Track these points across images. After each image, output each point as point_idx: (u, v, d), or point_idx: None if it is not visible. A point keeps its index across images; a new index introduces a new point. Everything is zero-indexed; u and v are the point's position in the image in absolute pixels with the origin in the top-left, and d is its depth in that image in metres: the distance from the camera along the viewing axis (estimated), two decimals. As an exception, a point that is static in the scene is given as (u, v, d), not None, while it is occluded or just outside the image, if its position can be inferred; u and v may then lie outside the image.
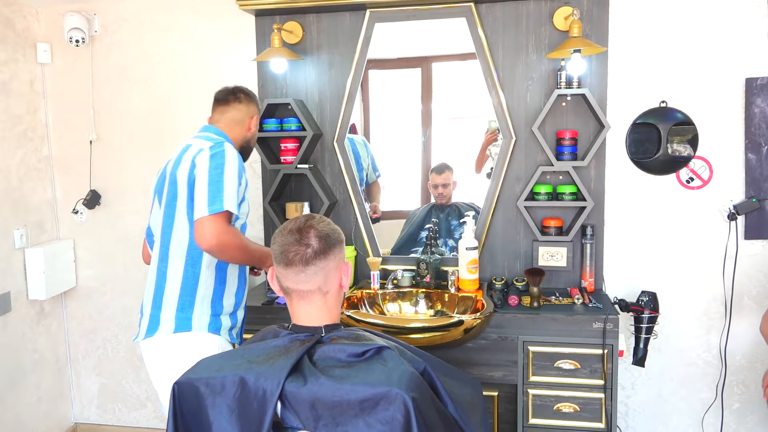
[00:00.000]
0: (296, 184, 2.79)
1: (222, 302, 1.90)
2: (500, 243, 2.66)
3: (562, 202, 2.50)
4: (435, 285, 2.55)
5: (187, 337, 1.84)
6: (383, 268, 2.72)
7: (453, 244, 2.71)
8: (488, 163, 2.61)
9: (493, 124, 2.58)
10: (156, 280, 1.88)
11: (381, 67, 2.62)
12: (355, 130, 2.69)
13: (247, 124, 2.04)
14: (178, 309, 1.84)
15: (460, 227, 2.61)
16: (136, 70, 2.97)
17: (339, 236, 1.42)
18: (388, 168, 2.73)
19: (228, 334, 1.94)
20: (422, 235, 2.69)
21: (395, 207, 2.76)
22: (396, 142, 2.69)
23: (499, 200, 2.64)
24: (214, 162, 1.76)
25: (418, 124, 2.62)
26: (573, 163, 2.47)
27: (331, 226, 1.41)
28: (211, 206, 1.72)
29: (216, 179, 1.74)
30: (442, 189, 2.67)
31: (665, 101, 2.49)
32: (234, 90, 2.02)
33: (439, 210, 2.72)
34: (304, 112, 2.68)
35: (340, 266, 1.41)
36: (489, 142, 2.56)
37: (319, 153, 2.77)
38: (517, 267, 2.67)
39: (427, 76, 2.57)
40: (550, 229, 2.57)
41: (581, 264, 2.58)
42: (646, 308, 2.35)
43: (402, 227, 2.78)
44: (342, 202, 2.79)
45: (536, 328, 2.28)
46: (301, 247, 1.34)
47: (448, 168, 2.68)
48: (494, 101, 2.58)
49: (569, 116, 2.55)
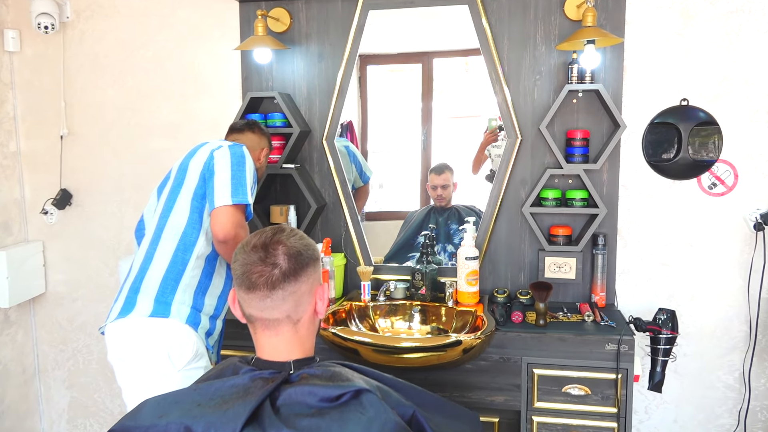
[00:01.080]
0: (282, 185, 2.62)
1: (204, 299, 1.82)
2: (503, 252, 2.48)
3: (572, 208, 2.32)
4: (431, 297, 2.39)
5: (163, 324, 1.73)
6: (375, 278, 2.54)
7: (452, 249, 2.56)
8: (486, 164, 2.50)
9: (494, 123, 2.45)
10: (141, 263, 1.83)
11: (379, 63, 2.53)
12: (352, 128, 2.58)
13: (257, 154, 2.13)
14: (159, 292, 1.75)
15: (460, 232, 2.44)
16: (110, 60, 2.78)
17: (313, 253, 1.20)
18: (387, 168, 2.63)
19: (205, 337, 1.83)
20: (419, 240, 2.55)
21: (393, 207, 2.66)
22: (395, 141, 2.59)
23: (503, 205, 2.45)
24: (235, 158, 1.83)
25: (418, 123, 2.51)
26: (584, 166, 2.28)
27: (303, 241, 1.20)
28: (236, 197, 1.77)
29: (239, 173, 1.80)
30: (442, 191, 2.54)
31: (686, 99, 2.31)
32: (250, 122, 2.16)
33: (438, 213, 2.58)
34: (291, 107, 2.50)
35: (314, 289, 1.20)
36: (488, 141, 2.45)
37: (307, 152, 2.59)
38: (521, 278, 2.48)
39: (428, 73, 2.47)
40: (558, 237, 2.38)
41: (591, 277, 2.39)
42: (664, 328, 2.14)
43: (399, 230, 2.65)
44: (331, 206, 2.61)
45: (542, 349, 2.09)
46: (267, 267, 1.14)
47: (448, 168, 2.55)
48: (498, 97, 2.38)
49: (580, 114, 2.36)
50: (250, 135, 2.12)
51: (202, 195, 1.85)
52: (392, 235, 2.63)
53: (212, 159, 1.84)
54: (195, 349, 1.76)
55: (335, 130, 2.53)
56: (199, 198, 1.84)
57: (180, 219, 1.85)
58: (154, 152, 2.76)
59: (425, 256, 2.43)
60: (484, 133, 2.45)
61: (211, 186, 1.81)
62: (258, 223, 2.52)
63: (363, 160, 2.63)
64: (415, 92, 2.49)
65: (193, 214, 1.84)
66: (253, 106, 2.54)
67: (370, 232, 2.58)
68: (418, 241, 2.57)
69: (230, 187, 1.78)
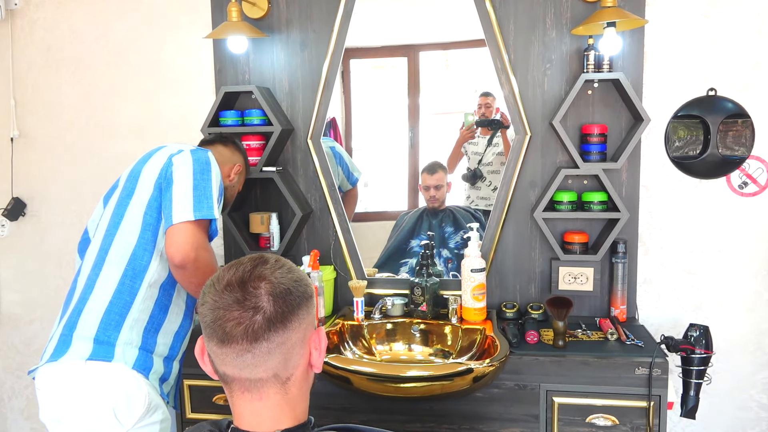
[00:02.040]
0: (262, 190, 2.39)
1: (156, 337, 1.56)
2: (511, 262, 2.27)
3: (589, 212, 2.11)
4: (433, 314, 2.17)
5: (105, 370, 1.46)
6: (369, 293, 2.31)
7: (448, 254, 2.39)
8: (463, 162, 2.36)
9: (470, 118, 2.31)
10: (81, 292, 1.53)
11: (363, 57, 2.40)
12: (335, 125, 2.41)
13: (227, 169, 1.87)
14: (99, 329, 1.48)
15: (456, 234, 2.36)
16: (65, 53, 2.51)
17: (305, 290, 0.95)
18: (372, 166, 2.48)
19: (159, 385, 1.54)
20: (413, 245, 2.41)
21: (380, 208, 2.53)
22: (380, 139, 2.46)
23: (511, 210, 2.24)
24: (199, 165, 1.59)
25: (404, 119, 2.38)
26: (603, 165, 2.08)
27: (293, 275, 0.95)
28: (198, 211, 1.52)
29: (203, 183, 1.56)
30: (435, 191, 2.38)
31: (714, 89, 2.12)
32: (223, 134, 1.95)
33: (431, 215, 2.42)
34: (271, 103, 2.27)
35: (308, 337, 0.95)
36: (465, 139, 2.32)
37: (290, 153, 2.36)
38: (532, 291, 2.27)
39: (414, 67, 2.35)
40: (574, 245, 2.17)
41: (610, 288, 2.19)
42: (697, 346, 1.92)
43: (389, 234, 2.48)
44: (318, 213, 2.38)
45: (562, 374, 1.86)
46: (246, 311, 0.89)
47: (442, 167, 2.38)
48: (504, 89, 2.16)
49: (596, 107, 2.15)
50: (220, 148, 1.88)
51: (157, 208, 1.58)
52: (380, 238, 2.49)
53: (170, 165, 1.58)
54: (147, 401, 1.48)
55: (321, 127, 2.30)
56: (153, 212, 1.57)
57: (129, 238, 1.57)
58: (117, 155, 2.49)
59: (424, 268, 2.21)
60: (460, 129, 2.33)
61: (168, 198, 1.54)
62: (235, 233, 2.28)
63: (350, 161, 2.45)
64: (401, 87, 2.37)
65: (145, 232, 1.56)
66: (228, 103, 2.30)
67: (357, 235, 2.41)
68: (412, 246, 2.42)
69: (192, 199, 1.53)
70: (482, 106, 2.31)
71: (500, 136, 2.29)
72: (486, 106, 2.29)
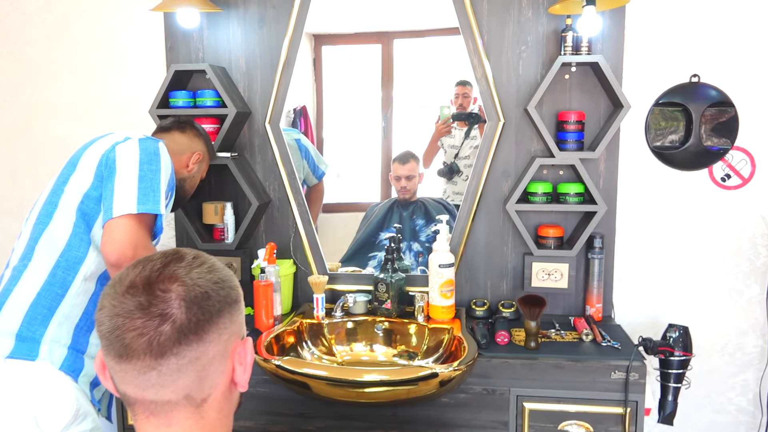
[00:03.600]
0: (217, 178, 2.24)
1: (89, 336, 1.43)
2: (482, 257, 2.16)
3: (565, 205, 2.01)
4: (398, 312, 2.07)
5: (28, 370, 1.32)
6: (331, 289, 2.19)
7: (418, 248, 2.32)
8: (439, 155, 2.30)
9: (446, 111, 2.24)
10: (5, 284, 1.42)
11: (336, 43, 2.35)
12: (306, 113, 2.33)
13: (185, 159, 1.74)
14: (23, 324, 1.35)
15: (427, 227, 2.29)
16: (2, 26, 2.32)
17: (229, 293, 0.80)
18: (345, 156, 2.43)
19: (89, 390, 1.40)
20: (381, 237, 2.35)
21: (352, 199, 2.47)
22: (353, 128, 2.39)
23: (482, 201, 2.13)
24: (146, 155, 1.46)
25: (378, 109, 2.32)
26: (580, 154, 1.97)
27: (214, 275, 0.79)
28: (143, 203, 1.39)
29: (150, 175, 1.44)
30: (406, 182, 2.31)
31: (697, 75, 2.01)
32: (181, 119, 1.78)
33: (402, 207, 2.35)
34: (226, 83, 2.12)
35: (231, 348, 0.80)
36: (441, 133, 2.26)
37: (247, 138, 2.22)
38: (504, 287, 2.16)
39: (388, 55, 2.29)
40: (548, 240, 2.06)
41: (586, 285, 2.09)
42: (676, 348, 1.81)
43: (358, 226, 2.42)
44: (277, 202, 2.24)
45: (534, 378, 1.75)
46: (152, 320, 0.73)
47: (414, 157, 2.31)
48: (477, 73, 2.04)
49: (573, 93, 2.04)
50: (176, 136, 1.74)
51: (96, 198, 1.43)
52: (351, 230, 2.43)
53: (113, 153, 1.45)
54: (75, 407, 1.33)
55: (280, 111, 2.15)
56: (90, 202, 1.44)
57: (63, 227, 1.42)
58: (59, 138, 2.31)
59: (390, 263, 2.09)
60: (435, 123, 2.26)
61: (109, 188, 1.41)
62: (187, 224, 2.14)
63: (317, 154, 2.37)
64: (374, 76, 2.31)
65: (79, 222, 1.42)
66: (180, 82, 2.15)
67: (328, 226, 2.36)
68: (381, 239, 2.36)
69: (136, 190, 1.40)
70: (459, 96, 2.23)
71: (478, 128, 2.22)
72: (464, 96, 2.22)
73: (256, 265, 2.05)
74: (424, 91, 2.34)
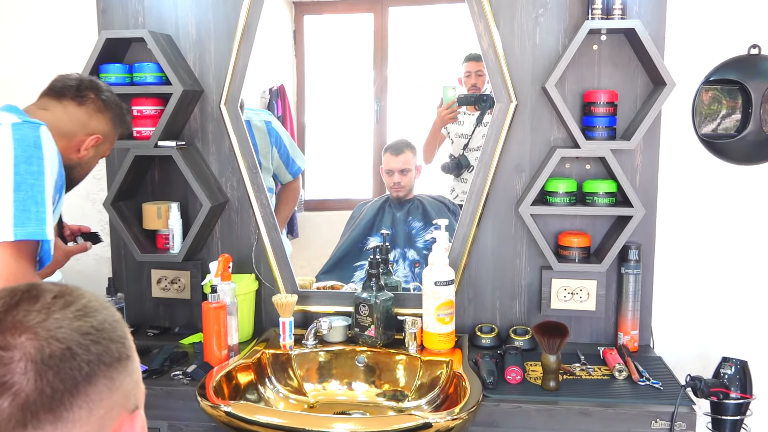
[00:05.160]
0: (161, 172, 2.22)
1: None
2: (489, 271, 2.13)
3: (593, 207, 1.98)
4: (384, 341, 2.01)
5: None
6: (302, 311, 2.13)
7: (414, 256, 2.34)
8: (445, 147, 2.33)
9: (451, 93, 2.25)
10: None
11: (320, 12, 2.44)
12: (284, 94, 2.38)
13: (76, 141, 1.56)
14: None
15: (425, 231, 2.31)
16: None
17: (108, 347, 0.68)
18: (330, 145, 2.51)
19: None
20: (370, 243, 2.35)
21: (339, 195, 2.54)
22: (340, 112, 2.47)
23: (489, 202, 2.07)
24: (24, 151, 1.33)
25: (369, 89, 2.39)
26: (612, 144, 1.93)
27: (85, 321, 0.68)
28: (22, 226, 1.28)
29: (31, 180, 1.32)
30: (400, 176, 2.34)
31: (758, 46, 1.96)
32: (80, 84, 1.57)
33: (395, 207, 2.38)
34: (172, 55, 2.08)
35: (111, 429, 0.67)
36: (444, 120, 2.29)
37: (198, 123, 2.18)
38: (515, 310, 2.13)
39: (382, 25, 2.35)
40: (572, 250, 2.03)
41: (618, 307, 2.06)
42: (732, 387, 1.71)
43: (343, 230, 2.46)
44: (235, 203, 2.20)
45: (554, 428, 1.67)
46: None
47: (409, 147, 2.34)
48: (483, 42, 1.98)
49: (604, 67, 2.01)
50: (71, 107, 1.55)
51: None
52: (337, 232, 2.47)
53: None
54: None
55: (239, 89, 2.10)
56: None
57: None
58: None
59: (374, 279, 2.02)
60: (437, 108, 2.29)
61: None
62: (123, 231, 2.07)
63: (292, 145, 2.36)
64: (365, 50, 2.38)
65: None
66: (113, 53, 2.10)
67: (311, 226, 2.44)
68: (369, 245, 2.36)
69: (11, 206, 1.28)
70: (472, 74, 2.22)
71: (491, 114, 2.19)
72: (477, 74, 2.21)
73: (207, 281, 1.99)
74: (424, 68, 2.38)
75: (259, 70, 2.20)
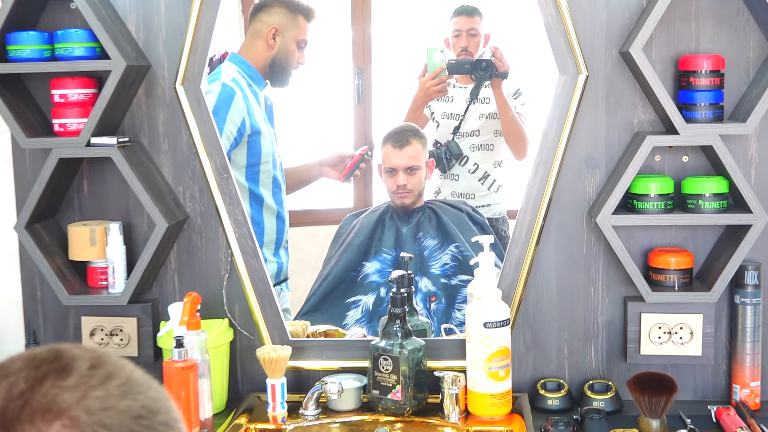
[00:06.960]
0: (91, 181, 2.08)
1: None
2: (553, 306, 2.02)
3: (697, 214, 1.87)
4: (413, 406, 1.88)
5: None
6: (296, 369, 1.97)
7: (429, 286, 2.24)
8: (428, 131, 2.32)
9: (438, 57, 2.23)
10: None
11: None
12: None
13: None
14: None
15: (442, 251, 2.25)
16: None
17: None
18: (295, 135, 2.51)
19: None
20: (368, 271, 2.29)
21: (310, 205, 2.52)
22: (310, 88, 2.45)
23: (552, 211, 1.94)
24: None
25: (348, 56, 2.42)
26: (720, 128, 1.81)
27: (134, 399, 0.68)
28: None
29: None
30: (406, 177, 2.26)
31: None
32: None
33: (400, 218, 2.31)
34: (109, 21, 1.94)
35: None
36: (430, 95, 2.29)
37: (144, 111, 2.06)
38: (591, 357, 2.02)
39: None
40: (668, 274, 1.90)
41: (731, 350, 1.94)
42: None
43: (327, 252, 2.40)
44: (198, 220, 2.07)
45: None
46: None
47: (417, 136, 2.27)
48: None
49: (704, 24, 1.90)
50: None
51: None
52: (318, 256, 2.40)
53: None
54: None
55: (202, 62, 1.96)
56: None
57: None
58: None
59: (398, 320, 1.85)
60: (419, 77, 2.28)
61: None
62: (41, 262, 1.91)
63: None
64: (342, 6, 2.43)
65: None
66: (28, 18, 1.97)
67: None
68: (366, 273, 2.30)
69: None
70: (462, 34, 2.20)
71: (491, 86, 2.20)
72: (469, 33, 2.20)
73: (165, 331, 1.85)
74: (419, 28, 2.39)
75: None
